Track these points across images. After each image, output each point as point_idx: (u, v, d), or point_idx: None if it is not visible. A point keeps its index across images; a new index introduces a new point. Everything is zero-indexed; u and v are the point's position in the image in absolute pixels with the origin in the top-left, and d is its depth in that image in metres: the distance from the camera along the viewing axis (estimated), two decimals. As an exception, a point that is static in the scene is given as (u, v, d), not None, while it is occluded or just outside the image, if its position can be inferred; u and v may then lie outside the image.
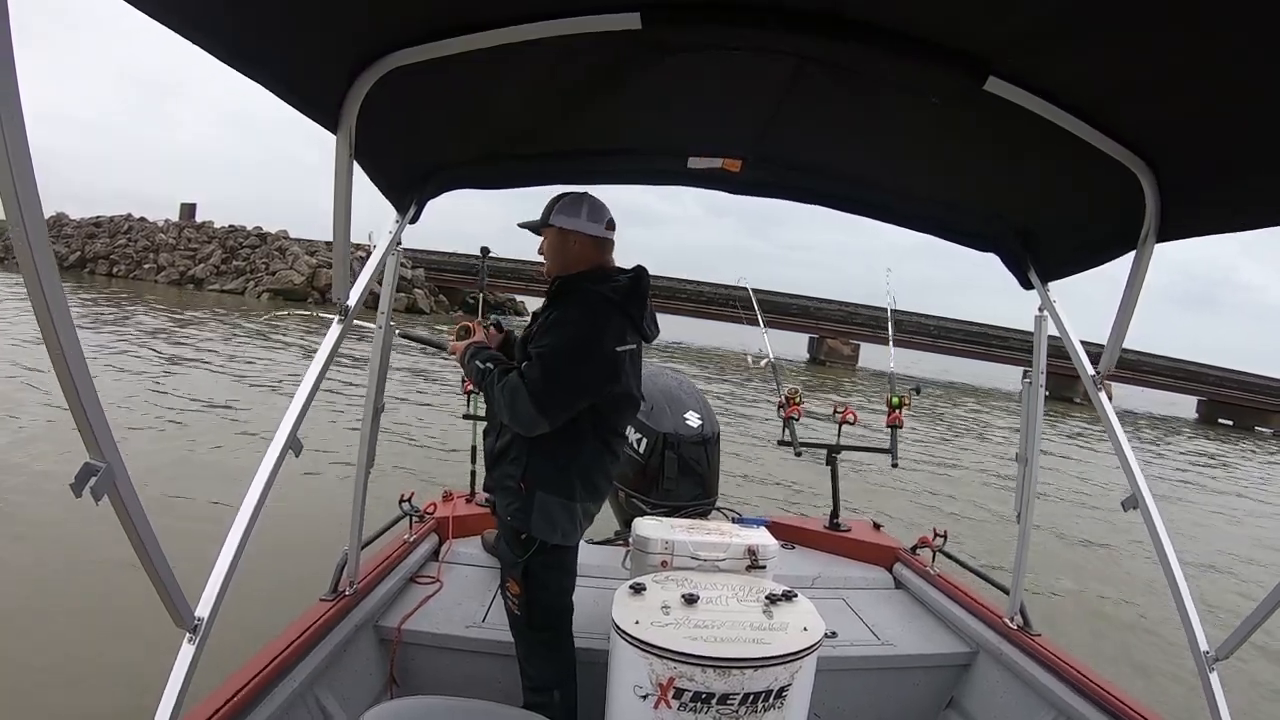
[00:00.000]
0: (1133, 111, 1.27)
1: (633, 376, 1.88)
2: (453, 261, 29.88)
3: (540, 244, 1.96)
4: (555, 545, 1.82)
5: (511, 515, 1.82)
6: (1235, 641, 1.43)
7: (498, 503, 1.91)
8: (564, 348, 1.73)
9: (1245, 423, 28.18)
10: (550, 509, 1.79)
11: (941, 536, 2.74)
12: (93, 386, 0.87)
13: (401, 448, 6.73)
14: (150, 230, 29.90)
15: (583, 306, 1.78)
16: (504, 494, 1.86)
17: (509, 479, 1.83)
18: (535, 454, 1.80)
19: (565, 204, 1.89)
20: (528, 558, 1.81)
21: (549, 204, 1.92)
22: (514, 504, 1.81)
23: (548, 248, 1.93)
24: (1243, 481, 13.81)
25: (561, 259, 1.91)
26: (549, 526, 1.79)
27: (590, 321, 1.76)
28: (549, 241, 1.93)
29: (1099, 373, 1.69)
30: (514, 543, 1.83)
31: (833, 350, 29.28)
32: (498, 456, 1.89)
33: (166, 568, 1.06)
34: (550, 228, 1.90)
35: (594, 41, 1.22)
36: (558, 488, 1.80)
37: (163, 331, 14.10)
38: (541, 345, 1.75)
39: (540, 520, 1.79)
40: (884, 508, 6.48)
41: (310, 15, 1.10)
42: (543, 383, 1.69)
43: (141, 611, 1.69)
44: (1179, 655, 4.20)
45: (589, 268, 1.88)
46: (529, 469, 1.80)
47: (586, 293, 1.81)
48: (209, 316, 17.66)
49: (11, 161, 0.70)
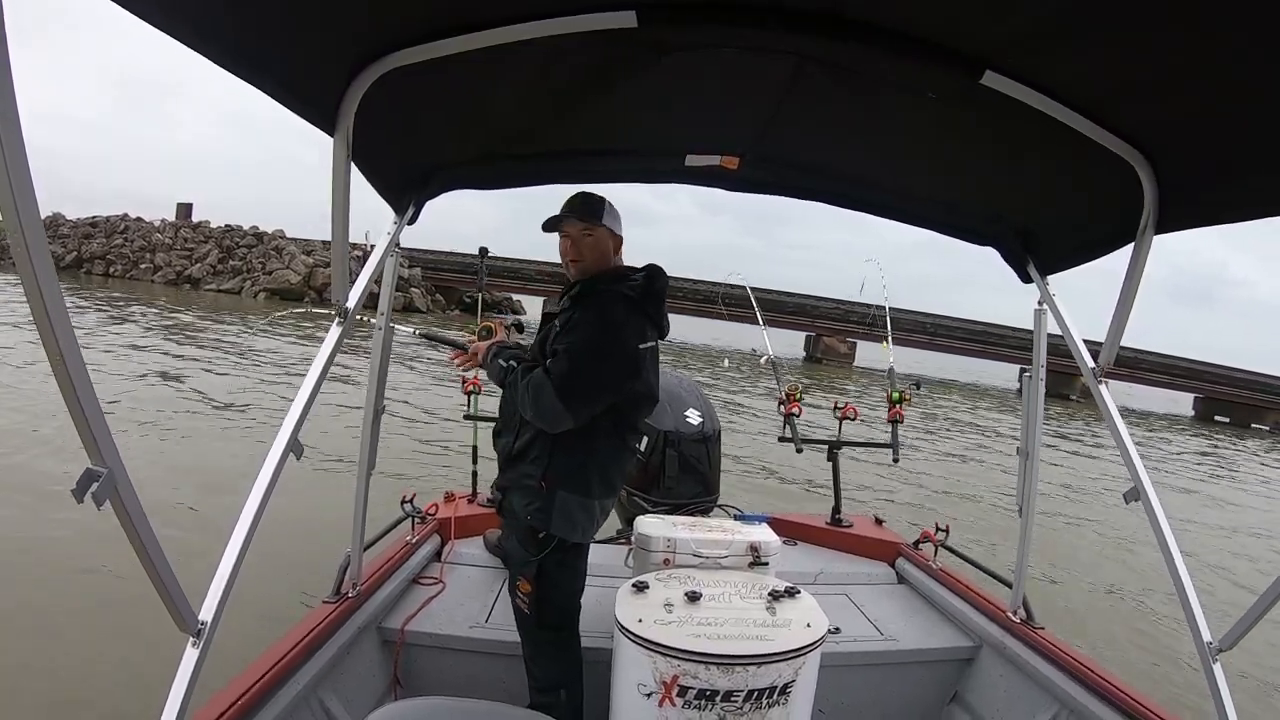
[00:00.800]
0: (1132, 110, 1.27)
1: (652, 373, 1.90)
2: (449, 260, 29.82)
3: (566, 245, 1.92)
4: (572, 544, 1.83)
5: (531, 515, 1.82)
6: (1239, 632, 1.43)
7: (514, 502, 1.88)
8: (588, 345, 1.74)
9: (1241, 420, 28.42)
10: (570, 507, 1.81)
11: (944, 531, 2.74)
12: (93, 391, 0.86)
13: (402, 448, 6.74)
14: (147, 230, 29.84)
15: (605, 306, 1.80)
16: (523, 493, 1.85)
17: (528, 478, 1.83)
18: (558, 453, 1.80)
19: (610, 208, 1.90)
20: (543, 556, 1.81)
21: (592, 201, 1.89)
22: (534, 503, 1.81)
23: (592, 248, 1.89)
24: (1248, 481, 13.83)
25: (603, 262, 1.91)
26: (569, 525, 1.81)
27: (612, 320, 1.78)
28: (598, 240, 1.89)
29: (1099, 366, 1.69)
30: (529, 542, 1.83)
31: (829, 348, 29.26)
32: (517, 456, 1.88)
33: (169, 572, 1.06)
34: (603, 228, 1.89)
35: (591, 41, 1.22)
36: (577, 486, 1.82)
37: (161, 330, 14.10)
38: (566, 342, 1.76)
39: (560, 519, 1.80)
40: (886, 502, 6.49)
41: (309, 16, 1.10)
42: (568, 378, 1.70)
43: (144, 615, 1.69)
44: (1183, 646, 4.22)
45: (609, 268, 1.91)
46: (550, 468, 1.80)
47: (606, 293, 1.83)
48: (209, 319, 17.64)
49: (8, 164, 0.70)
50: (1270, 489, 13.15)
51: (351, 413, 6.69)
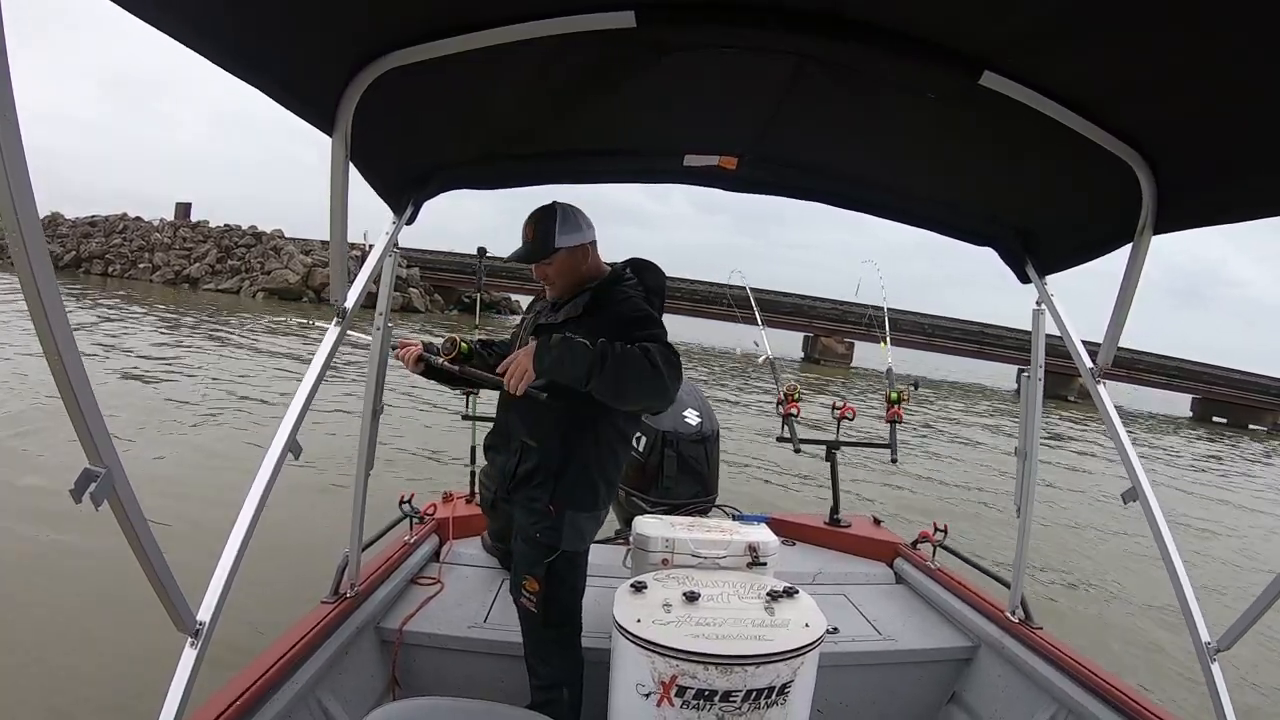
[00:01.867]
0: (1132, 111, 1.27)
1: None
2: (447, 260, 29.72)
3: (540, 270, 1.87)
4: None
5: (541, 533, 1.82)
6: (1237, 632, 1.43)
7: (521, 519, 1.87)
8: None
9: (1239, 421, 28.46)
10: (579, 523, 1.84)
11: (942, 531, 2.74)
12: (91, 391, 0.86)
13: (401, 448, 6.73)
14: (145, 230, 29.78)
15: (630, 302, 1.80)
16: (529, 513, 1.84)
17: (535, 501, 1.83)
18: (564, 476, 1.81)
19: (562, 221, 1.82)
20: (553, 559, 1.82)
21: (540, 228, 1.81)
22: (542, 523, 1.82)
23: (558, 271, 1.85)
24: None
25: (577, 276, 1.87)
26: (578, 538, 1.85)
27: (648, 310, 1.80)
28: (560, 265, 1.84)
29: (1097, 367, 1.69)
30: (538, 548, 1.83)
31: (827, 349, 29.25)
32: (520, 481, 1.86)
33: (167, 572, 1.06)
34: (558, 251, 1.82)
35: (589, 40, 1.22)
36: (586, 503, 1.84)
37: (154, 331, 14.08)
38: (640, 334, 1.65)
39: (571, 534, 1.82)
40: (885, 501, 6.49)
41: (309, 16, 1.10)
42: (669, 351, 1.61)
43: (143, 615, 1.69)
44: (1181, 646, 4.22)
45: (599, 271, 1.90)
46: (558, 493, 1.81)
47: (621, 293, 1.82)
48: (205, 320, 17.60)
49: (7, 164, 0.70)
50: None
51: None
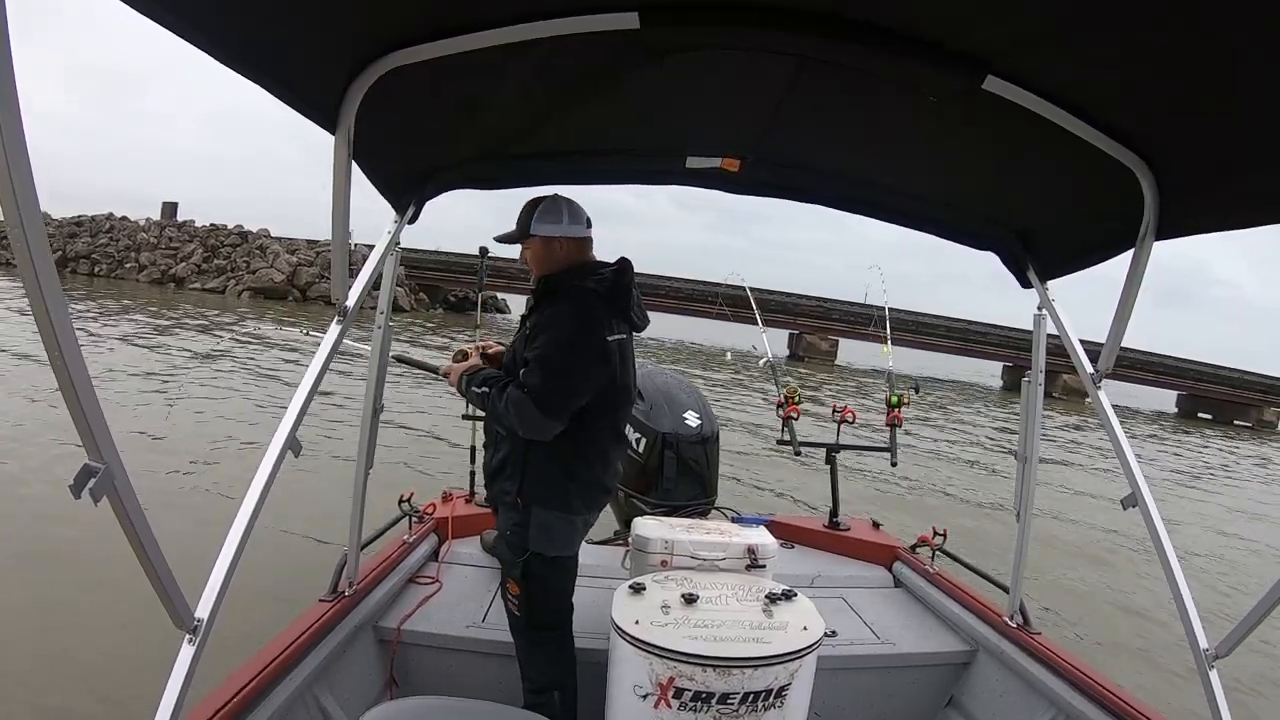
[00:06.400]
0: (1132, 111, 1.27)
1: (626, 367, 1.90)
2: (432, 259, 29.20)
3: (521, 252, 1.94)
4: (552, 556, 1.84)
5: (511, 531, 1.83)
6: (1235, 639, 1.43)
7: (500, 518, 1.93)
8: (558, 345, 1.75)
9: (1224, 417, 28.55)
10: (549, 524, 1.81)
11: (941, 535, 2.74)
12: (91, 388, 0.86)
13: (401, 448, 6.73)
14: (132, 229, 29.52)
15: (570, 302, 1.80)
16: (504, 509, 1.88)
17: (506, 494, 1.85)
18: (530, 467, 1.81)
19: (543, 211, 1.87)
20: (527, 559, 1.82)
21: (524, 213, 1.89)
22: (512, 519, 1.83)
23: (532, 257, 1.92)
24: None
25: (548, 265, 1.90)
26: (546, 540, 1.81)
27: (580, 315, 1.78)
28: (534, 251, 1.91)
29: (1098, 371, 1.69)
30: (514, 548, 1.84)
31: (811, 346, 29.33)
32: (495, 472, 1.90)
33: (166, 568, 1.06)
34: (533, 238, 1.88)
35: (592, 41, 1.22)
36: (555, 501, 1.82)
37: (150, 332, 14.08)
38: (536, 348, 1.76)
39: (539, 535, 1.80)
40: (883, 505, 6.48)
41: (312, 15, 1.10)
42: (543, 386, 1.70)
43: (141, 612, 1.69)
44: (1179, 652, 4.21)
45: (570, 266, 1.90)
46: (525, 484, 1.81)
47: (573, 289, 1.82)
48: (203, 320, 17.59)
49: (9, 164, 0.70)
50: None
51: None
